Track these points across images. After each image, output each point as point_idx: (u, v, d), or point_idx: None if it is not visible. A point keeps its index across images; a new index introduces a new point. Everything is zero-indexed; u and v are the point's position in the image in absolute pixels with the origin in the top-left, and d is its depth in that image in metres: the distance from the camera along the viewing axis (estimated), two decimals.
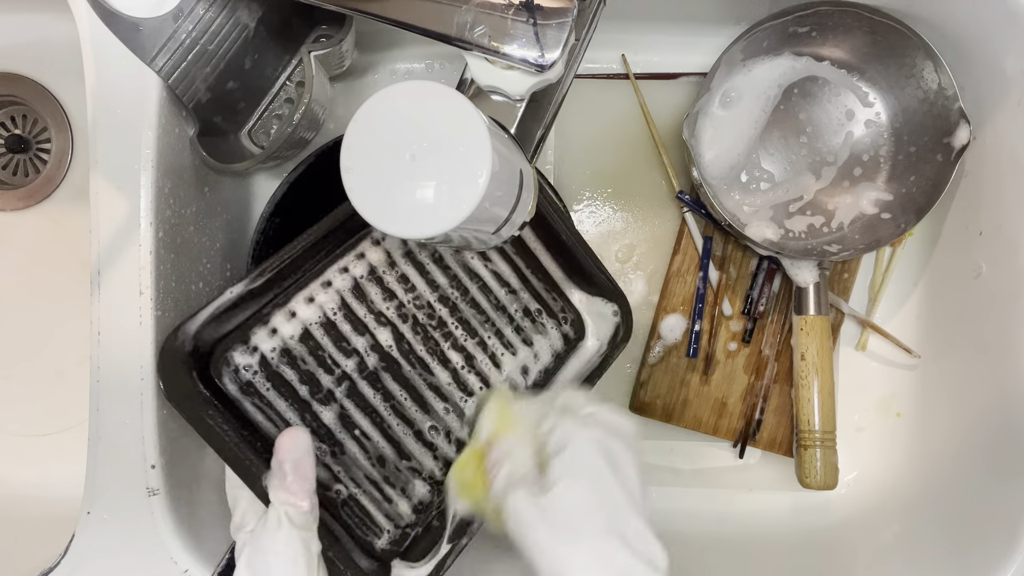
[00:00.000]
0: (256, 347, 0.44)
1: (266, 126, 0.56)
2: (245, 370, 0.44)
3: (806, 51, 0.59)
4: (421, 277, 0.49)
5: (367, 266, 0.47)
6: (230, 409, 0.43)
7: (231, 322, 0.44)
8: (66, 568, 0.47)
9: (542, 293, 0.53)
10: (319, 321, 0.46)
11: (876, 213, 0.58)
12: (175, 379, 0.42)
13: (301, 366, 0.45)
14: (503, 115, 0.41)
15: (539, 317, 0.52)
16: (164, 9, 0.45)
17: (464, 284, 0.50)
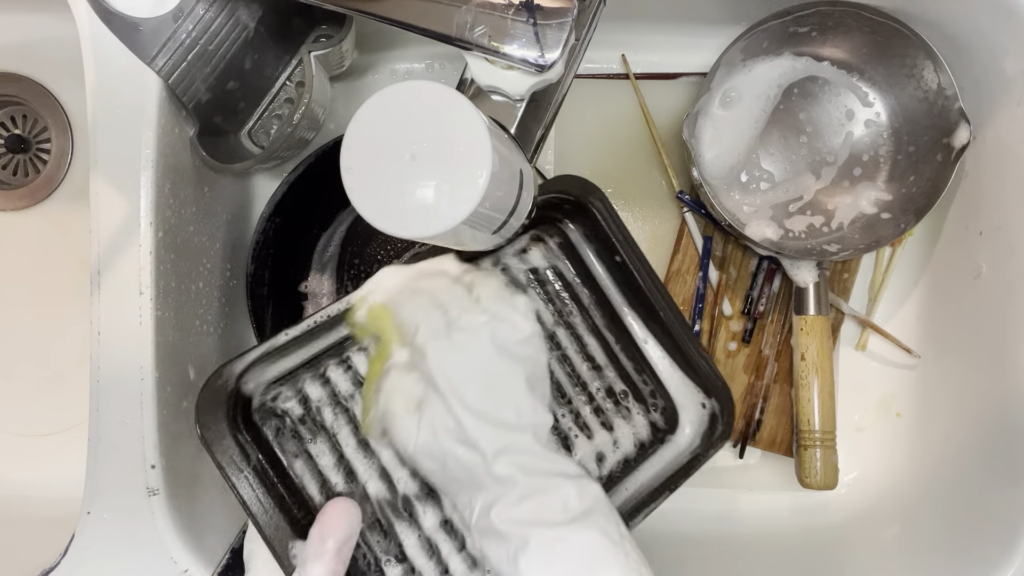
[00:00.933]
0: (305, 395, 0.42)
1: (266, 126, 0.56)
2: (290, 417, 0.42)
3: (806, 51, 0.59)
4: None
5: None
6: (267, 459, 0.41)
7: (280, 365, 0.42)
8: (66, 568, 0.47)
9: (631, 373, 0.48)
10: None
11: (876, 213, 0.58)
12: (212, 420, 0.39)
13: (353, 419, 0.42)
14: (503, 115, 0.41)
15: (624, 400, 0.47)
16: (164, 9, 0.45)
17: None
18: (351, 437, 0.43)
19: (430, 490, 0.43)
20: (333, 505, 0.37)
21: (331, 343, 0.43)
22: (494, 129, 0.34)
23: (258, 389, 0.41)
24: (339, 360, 0.43)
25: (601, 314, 0.48)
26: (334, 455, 0.42)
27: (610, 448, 0.46)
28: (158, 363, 0.47)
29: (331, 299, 0.62)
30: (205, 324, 0.54)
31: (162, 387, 0.48)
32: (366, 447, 0.43)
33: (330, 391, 0.43)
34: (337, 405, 0.43)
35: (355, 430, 0.43)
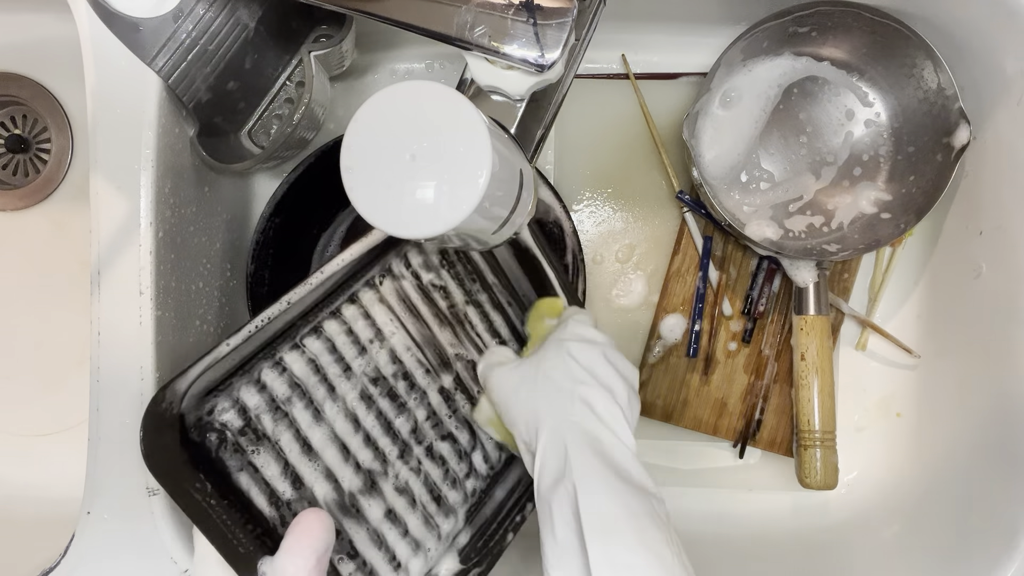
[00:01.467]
0: (243, 404, 0.40)
1: (266, 126, 0.56)
2: (229, 431, 0.40)
3: (806, 51, 0.59)
4: (410, 317, 0.47)
5: (358, 311, 0.45)
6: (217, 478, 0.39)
7: (212, 375, 0.39)
8: (66, 568, 0.47)
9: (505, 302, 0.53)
10: (310, 371, 0.42)
11: (876, 213, 0.58)
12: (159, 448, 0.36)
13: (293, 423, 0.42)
14: (503, 115, 0.41)
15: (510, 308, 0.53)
16: (164, 9, 0.45)
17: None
18: (294, 442, 0.42)
19: (372, 482, 0.44)
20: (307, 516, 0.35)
21: (261, 344, 0.41)
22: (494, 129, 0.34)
23: (191, 404, 0.39)
24: (273, 362, 0.42)
25: (504, 290, 0.52)
26: (279, 464, 0.41)
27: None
28: (158, 363, 0.47)
29: None
30: (205, 324, 0.54)
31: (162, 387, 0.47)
32: (309, 450, 0.42)
33: (268, 397, 0.41)
34: (276, 410, 0.41)
35: (297, 433, 0.42)
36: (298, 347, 0.43)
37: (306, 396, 0.42)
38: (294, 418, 0.42)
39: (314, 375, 0.43)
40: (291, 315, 0.42)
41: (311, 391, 0.43)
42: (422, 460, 0.46)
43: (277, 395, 0.41)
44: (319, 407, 0.43)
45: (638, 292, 0.63)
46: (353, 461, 0.43)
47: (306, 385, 0.42)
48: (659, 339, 0.62)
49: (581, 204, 0.64)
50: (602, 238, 0.64)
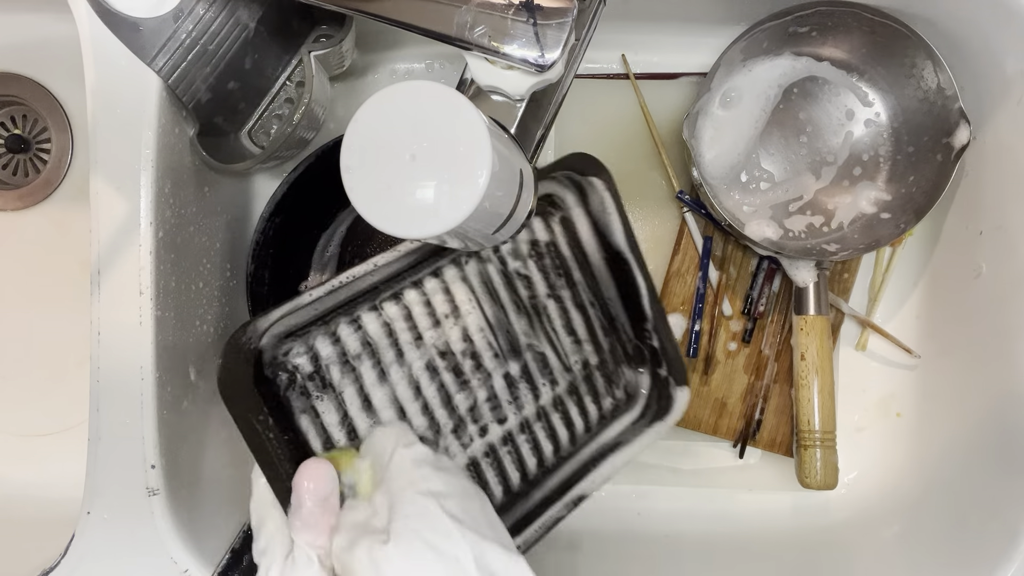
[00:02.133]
0: (316, 352, 0.43)
1: (266, 126, 0.56)
2: (299, 373, 0.43)
3: (806, 51, 0.59)
4: (493, 304, 0.48)
5: (439, 285, 0.47)
6: (275, 413, 0.41)
7: (292, 320, 0.42)
8: (66, 568, 0.47)
9: (606, 349, 0.53)
10: (384, 334, 0.45)
11: (876, 213, 0.58)
12: (233, 378, 0.40)
13: (358, 379, 0.44)
14: (503, 115, 0.41)
15: (596, 372, 0.52)
16: (164, 9, 0.45)
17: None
18: (356, 396, 0.44)
19: None
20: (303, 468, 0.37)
21: (343, 300, 0.44)
22: (494, 129, 0.34)
23: (271, 343, 0.42)
24: (351, 319, 0.44)
25: (588, 290, 0.52)
26: (339, 413, 0.43)
27: (578, 418, 0.52)
28: (158, 363, 0.47)
29: None
30: (205, 324, 0.54)
31: (162, 387, 0.47)
32: (369, 407, 0.44)
33: (340, 350, 0.44)
34: (345, 364, 0.44)
35: (360, 389, 0.44)
36: (376, 309, 0.45)
37: (375, 356, 0.44)
38: (360, 374, 0.44)
39: (386, 338, 0.45)
40: (375, 279, 0.44)
41: (380, 352, 0.45)
42: (474, 438, 0.47)
43: (349, 350, 0.44)
44: (385, 369, 0.45)
45: None
46: (408, 425, 0.45)
47: (377, 346, 0.44)
48: None
49: None
50: None
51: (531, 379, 0.49)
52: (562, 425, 0.51)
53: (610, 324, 0.53)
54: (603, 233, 0.51)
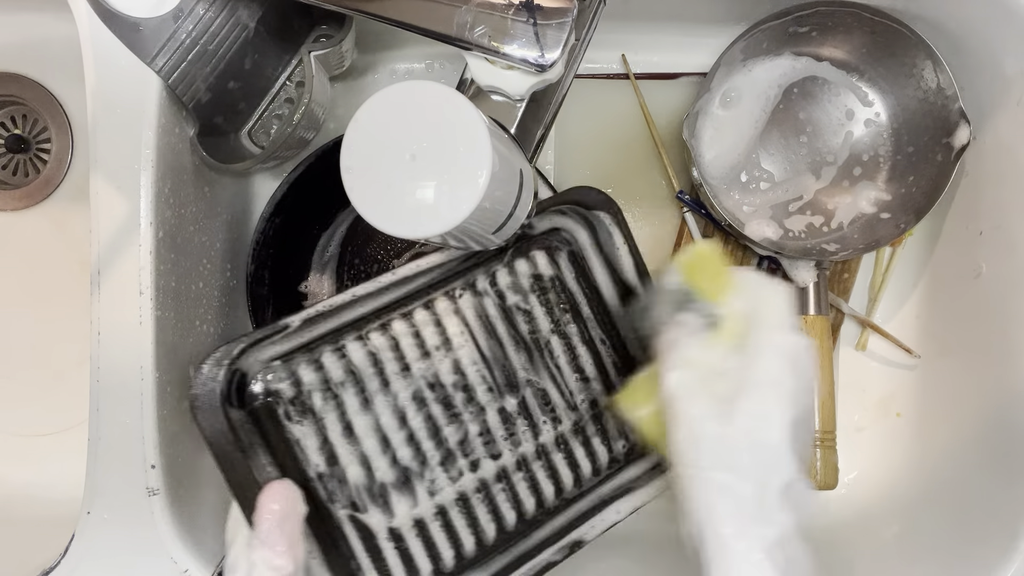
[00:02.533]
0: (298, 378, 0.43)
1: (266, 126, 0.56)
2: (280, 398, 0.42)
3: (806, 51, 0.59)
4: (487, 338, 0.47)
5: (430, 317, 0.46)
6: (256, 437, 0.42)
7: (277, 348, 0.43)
8: (66, 568, 0.47)
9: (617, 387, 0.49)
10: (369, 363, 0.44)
11: (875, 213, 0.58)
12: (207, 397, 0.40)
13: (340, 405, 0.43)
14: (503, 115, 0.41)
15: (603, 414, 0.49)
16: (164, 9, 0.45)
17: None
18: (337, 423, 0.43)
19: (407, 479, 0.44)
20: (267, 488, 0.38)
21: (328, 329, 0.44)
22: (494, 129, 0.34)
23: (250, 366, 0.42)
24: (335, 347, 0.44)
25: (599, 327, 0.50)
26: (319, 438, 0.43)
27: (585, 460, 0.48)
28: (158, 363, 0.47)
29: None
30: (205, 324, 0.54)
31: (162, 387, 0.48)
32: (350, 433, 0.44)
33: (322, 376, 0.43)
34: (327, 391, 0.43)
35: (342, 415, 0.43)
36: (362, 339, 0.44)
37: (359, 384, 0.44)
38: (343, 401, 0.43)
39: (372, 367, 0.44)
40: (359, 311, 0.44)
41: (365, 381, 0.44)
42: (464, 472, 0.46)
43: (332, 377, 0.43)
44: (369, 397, 0.44)
45: None
46: (391, 454, 0.44)
47: (362, 374, 0.44)
48: None
49: None
50: None
51: (530, 416, 0.47)
52: (566, 466, 0.48)
53: (624, 362, 0.50)
54: (614, 268, 0.49)
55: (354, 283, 0.61)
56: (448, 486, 0.45)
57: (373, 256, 0.62)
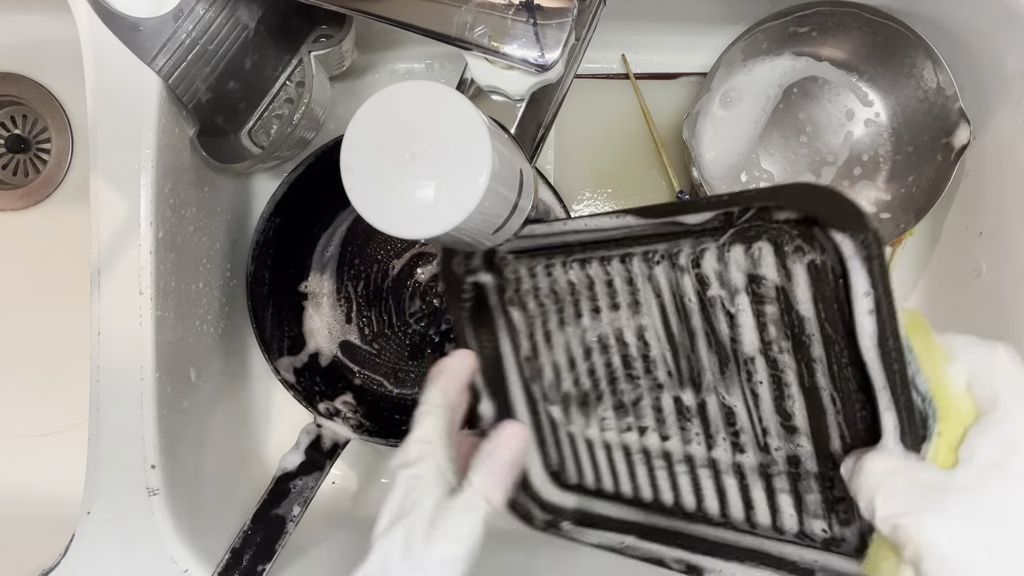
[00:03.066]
0: (519, 276, 0.44)
1: (266, 126, 0.56)
2: (509, 287, 0.45)
3: (806, 51, 0.59)
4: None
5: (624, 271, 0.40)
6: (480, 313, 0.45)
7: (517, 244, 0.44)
8: (66, 568, 0.47)
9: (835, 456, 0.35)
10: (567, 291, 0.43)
11: (875, 213, 0.58)
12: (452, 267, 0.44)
13: (544, 315, 0.44)
14: (503, 115, 0.41)
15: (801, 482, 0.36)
16: (164, 9, 0.45)
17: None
18: (540, 328, 0.45)
19: (584, 399, 0.44)
20: (505, 429, 0.39)
21: (542, 246, 0.44)
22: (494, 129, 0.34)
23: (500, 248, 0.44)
24: (546, 264, 0.44)
25: (831, 380, 0.34)
26: (528, 330, 0.45)
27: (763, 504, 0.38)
28: (158, 363, 0.47)
29: (330, 298, 0.62)
30: (205, 324, 0.54)
31: (162, 387, 0.48)
32: (548, 340, 0.44)
33: (534, 284, 0.44)
34: (536, 298, 0.44)
35: (544, 323, 0.44)
36: (566, 266, 0.43)
37: (559, 304, 0.43)
38: (547, 310, 0.44)
39: (569, 295, 0.43)
40: (568, 238, 0.42)
41: (564, 304, 0.43)
42: (631, 429, 0.42)
43: (541, 287, 0.44)
44: (565, 320, 0.44)
45: None
46: (575, 376, 0.44)
47: (562, 297, 0.43)
48: None
49: (581, 204, 0.64)
50: None
51: (707, 423, 0.39)
52: (737, 492, 0.39)
53: (854, 439, 0.33)
54: (847, 322, 0.32)
55: (353, 283, 0.61)
56: (616, 431, 0.43)
57: (373, 256, 0.62)
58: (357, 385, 0.61)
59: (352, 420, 0.56)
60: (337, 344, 0.61)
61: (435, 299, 0.61)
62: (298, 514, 0.51)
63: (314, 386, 0.58)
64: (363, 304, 0.62)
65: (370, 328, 0.62)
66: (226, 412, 0.58)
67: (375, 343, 0.62)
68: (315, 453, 0.53)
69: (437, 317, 0.61)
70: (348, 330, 0.62)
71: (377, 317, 0.62)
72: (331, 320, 0.61)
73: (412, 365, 0.61)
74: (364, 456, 0.63)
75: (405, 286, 0.61)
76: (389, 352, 0.61)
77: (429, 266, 0.61)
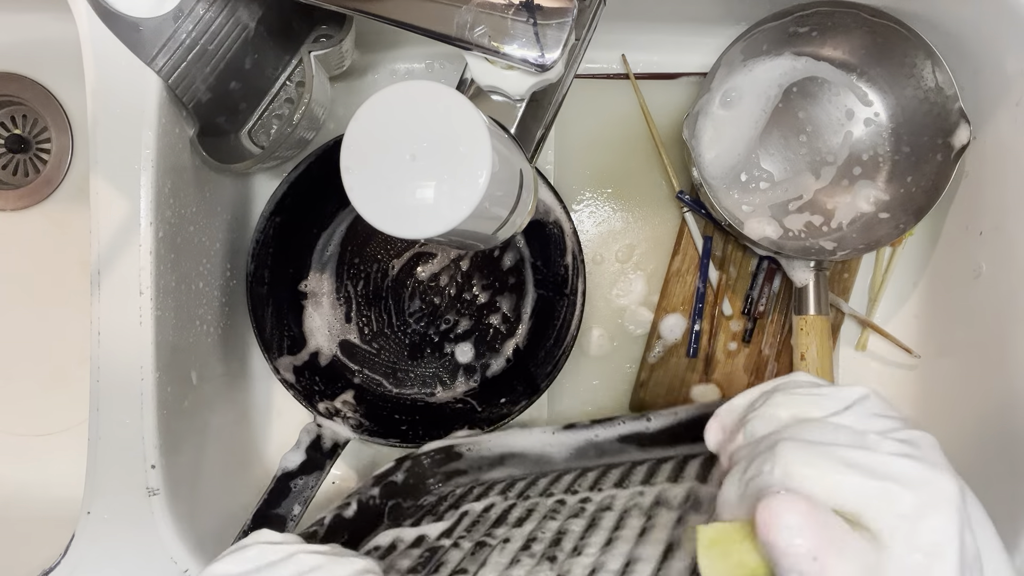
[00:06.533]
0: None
1: (266, 126, 0.56)
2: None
3: (806, 51, 0.59)
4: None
5: None
6: None
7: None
8: (66, 568, 0.47)
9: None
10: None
11: (875, 213, 0.58)
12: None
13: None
14: (503, 115, 0.41)
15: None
16: (164, 9, 0.45)
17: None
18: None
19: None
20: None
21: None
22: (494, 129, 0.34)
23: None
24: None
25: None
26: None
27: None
28: (158, 363, 0.47)
29: (330, 298, 0.62)
30: (205, 324, 0.54)
31: (162, 387, 0.48)
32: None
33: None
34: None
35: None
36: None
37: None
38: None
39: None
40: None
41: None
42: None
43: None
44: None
45: (638, 292, 0.63)
46: None
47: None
48: (659, 339, 0.62)
49: (581, 204, 0.64)
50: (602, 238, 0.64)
51: None
52: None
53: None
54: None
55: (353, 283, 0.62)
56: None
57: (373, 256, 0.62)
58: (357, 384, 0.61)
59: (352, 420, 0.56)
60: (337, 343, 0.61)
61: (435, 298, 0.61)
62: (298, 514, 0.51)
63: (314, 386, 0.58)
64: (363, 303, 0.62)
65: (370, 327, 0.62)
66: (226, 412, 0.58)
67: (375, 342, 0.62)
68: (315, 453, 0.53)
69: (437, 317, 0.61)
70: (348, 329, 0.62)
71: (377, 316, 0.62)
72: (331, 319, 0.62)
73: (411, 365, 0.61)
74: (364, 456, 0.63)
75: (405, 286, 0.61)
76: (388, 352, 0.62)
77: (429, 266, 0.61)
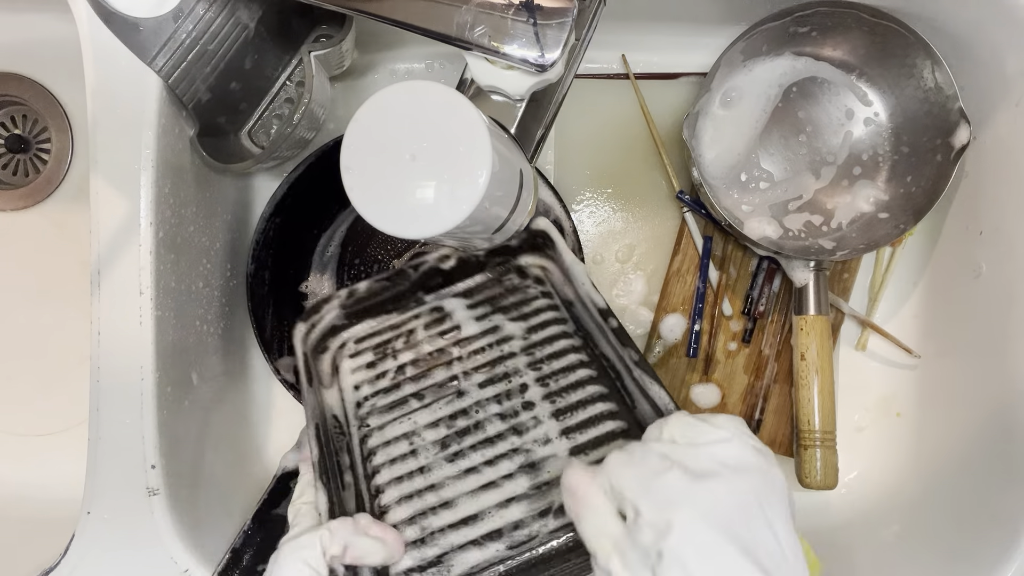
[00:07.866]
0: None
1: (266, 126, 0.56)
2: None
3: (806, 51, 0.59)
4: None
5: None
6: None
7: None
8: (66, 568, 0.47)
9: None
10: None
11: (874, 212, 0.58)
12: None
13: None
14: (503, 115, 0.41)
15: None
16: (164, 9, 0.45)
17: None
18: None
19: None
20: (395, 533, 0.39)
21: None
22: (494, 129, 0.34)
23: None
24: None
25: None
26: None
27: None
28: (158, 363, 0.47)
29: None
30: (205, 324, 0.54)
31: (162, 387, 0.48)
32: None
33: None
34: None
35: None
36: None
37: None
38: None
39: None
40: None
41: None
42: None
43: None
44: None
45: (638, 292, 0.63)
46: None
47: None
48: (659, 339, 0.62)
49: (581, 204, 0.64)
50: (602, 238, 0.64)
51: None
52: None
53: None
54: None
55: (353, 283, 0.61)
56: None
57: (373, 256, 0.62)
58: None
59: None
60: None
61: None
62: None
63: None
64: None
65: None
66: (226, 412, 0.58)
67: None
68: None
69: None
70: None
71: None
72: None
73: None
74: None
75: None
76: None
77: None
